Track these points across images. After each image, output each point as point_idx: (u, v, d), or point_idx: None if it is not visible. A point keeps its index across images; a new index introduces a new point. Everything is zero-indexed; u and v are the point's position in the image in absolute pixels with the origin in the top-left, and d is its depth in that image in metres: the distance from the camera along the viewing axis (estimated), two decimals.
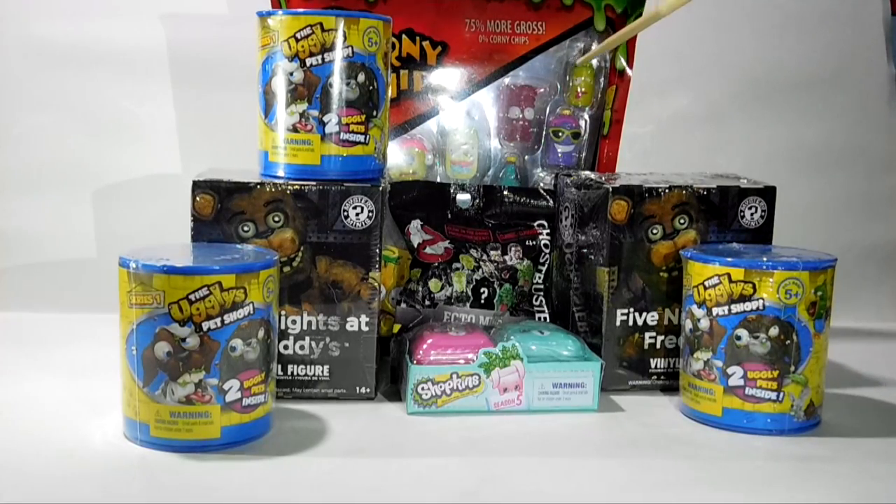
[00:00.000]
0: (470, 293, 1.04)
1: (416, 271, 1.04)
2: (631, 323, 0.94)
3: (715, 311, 0.84)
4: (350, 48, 0.86)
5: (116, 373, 0.78)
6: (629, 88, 1.10)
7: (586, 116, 1.10)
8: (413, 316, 1.03)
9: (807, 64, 1.32)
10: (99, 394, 0.88)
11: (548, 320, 1.05)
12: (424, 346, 0.87)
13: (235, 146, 1.06)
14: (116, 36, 1.23)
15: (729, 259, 0.84)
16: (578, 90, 1.09)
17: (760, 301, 0.82)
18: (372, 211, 0.87)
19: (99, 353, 0.99)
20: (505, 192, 1.07)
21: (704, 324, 0.85)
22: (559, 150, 1.10)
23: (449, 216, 1.06)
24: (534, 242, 1.07)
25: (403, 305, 1.04)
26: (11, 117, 1.24)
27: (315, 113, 0.86)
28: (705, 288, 0.85)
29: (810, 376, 0.84)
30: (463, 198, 1.07)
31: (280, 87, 0.86)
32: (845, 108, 1.33)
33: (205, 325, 0.74)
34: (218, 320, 0.74)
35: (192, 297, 0.73)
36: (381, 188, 0.87)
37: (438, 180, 1.08)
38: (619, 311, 0.94)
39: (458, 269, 1.04)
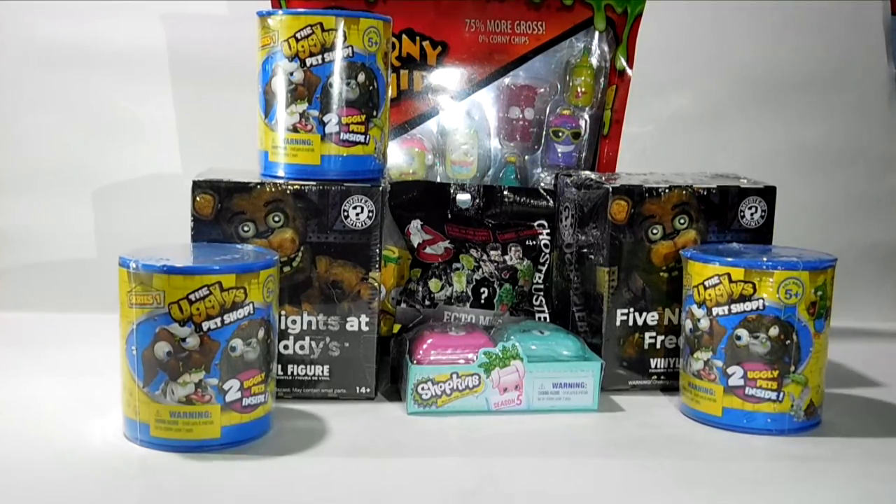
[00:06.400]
0: (470, 293, 1.04)
1: (416, 271, 1.04)
2: (631, 323, 0.94)
3: (715, 310, 0.84)
4: (350, 48, 0.86)
5: (116, 373, 0.78)
6: (629, 88, 1.10)
7: (586, 116, 1.10)
8: (413, 316, 1.03)
9: (807, 64, 1.32)
10: (99, 394, 0.88)
11: (548, 320, 1.05)
12: (424, 346, 0.87)
13: (235, 146, 1.06)
14: (116, 36, 1.24)
15: (729, 259, 0.84)
16: (578, 90, 1.09)
17: (760, 301, 0.82)
18: (372, 211, 0.87)
19: (99, 353, 0.99)
20: (505, 192, 1.07)
21: (704, 324, 0.85)
22: (559, 150, 1.10)
23: (449, 216, 1.06)
24: (534, 242, 1.07)
25: (403, 305, 1.04)
26: (11, 117, 1.24)
27: (315, 113, 0.86)
28: (705, 288, 0.85)
29: (810, 376, 0.84)
30: (463, 198, 1.07)
31: (280, 87, 0.86)
32: (845, 108, 1.33)
33: (205, 325, 0.74)
34: (218, 320, 0.74)
35: (192, 297, 0.73)
36: (381, 188, 0.87)
37: (438, 180, 1.08)
38: (619, 311, 0.94)
39: (458, 269, 1.04)
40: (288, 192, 0.86)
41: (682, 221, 0.94)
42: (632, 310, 0.94)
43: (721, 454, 0.79)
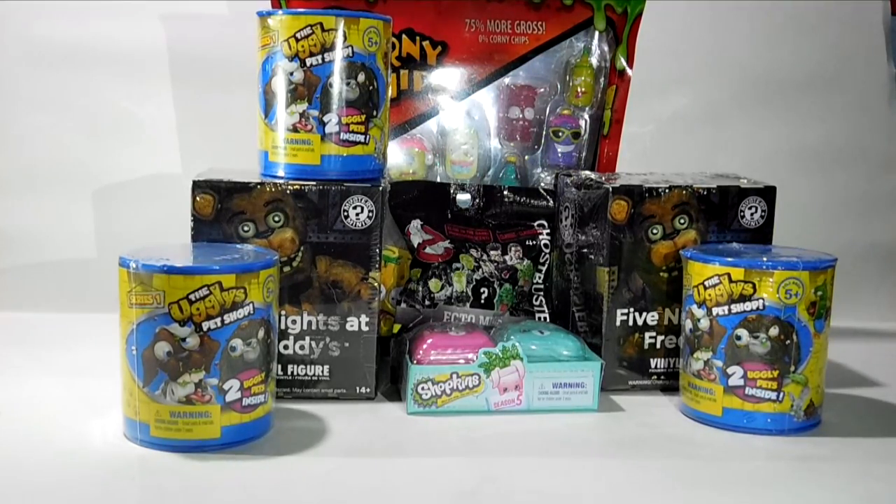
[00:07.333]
0: (470, 293, 1.04)
1: (416, 271, 1.04)
2: (631, 323, 0.94)
3: (715, 310, 0.84)
4: (350, 48, 0.86)
5: (116, 373, 0.78)
6: (629, 88, 1.10)
7: (586, 116, 1.10)
8: (413, 316, 1.03)
9: (807, 64, 1.32)
10: (99, 394, 0.88)
11: (548, 320, 1.05)
12: (424, 346, 0.87)
13: (235, 146, 1.06)
14: (116, 36, 1.24)
15: (729, 259, 0.84)
16: (578, 90, 1.09)
17: (760, 301, 0.82)
18: (372, 211, 0.87)
19: (99, 353, 0.99)
20: (505, 192, 1.07)
21: (704, 324, 0.85)
22: (559, 150, 1.10)
23: (449, 216, 1.06)
24: (534, 242, 1.07)
25: (403, 305, 1.04)
26: (11, 117, 1.24)
27: (315, 113, 0.86)
28: (705, 288, 0.85)
29: (810, 376, 0.84)
30: (463, 198, 1.07)
31: (280, 86, 0.86)
32: (845, 108, 1.33)
33: (205, 325, 0.74)
34: (218, 320, 0.74)
35: (192, 296, 0.73)
36: (381, 188, 0.87)
37: (438, 180, 1.08)
38: (619, 311, 0.94)
39: (458, 269, 1.04)
40: (288, 192, 0.86)
41: (682, 221, 0.94)
42: (632, 310, 0.94)
43: (721, 454, 0.79)
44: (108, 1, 1.23)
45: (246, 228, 0.86)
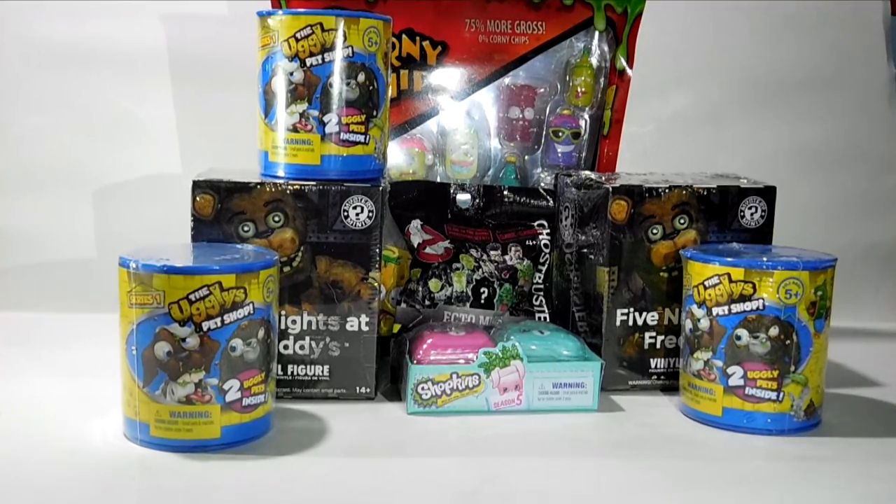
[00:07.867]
0: (470, 293, 1.04)
1: (416, 271, 1.04)
2: (631, 323, 0.94)
3: (715, 310, 0.84)
4: (350, 48, 0.86)
5: (116, 373, 0.78)
6: (629, 88, 1.10)
7: (586, 116, 1.10)
8: (413, 316, 1.03)
9: (807, 64, 1.32)
10: (99, 394, 0.88)
11: (548, 320, 1.05)
12: (424, 346, 0.87)
13: (235, 146, 1.06)
14: (116, 36, 1.24)
15: (729, 259, 0.84)
16: (578, 90, 1.09)
17: (760, 301, 0.82)
18: (372, 211, 0.87)
19: (99, 353, 0.99)
20: (505, 192, 1.07)
21: (704, 324, 0.85)
22: (559, 150, 1.10)
23: (449, 216, 1.06)
24: (534, 242, 1.07)
25: (403, 305, 1.04)
26: (11, 117, 1.24)
27: (315, 113, 0.86)
28: (705, 288, 0.85)
29: (810, 376, 0.84)
30: (463, 198, 1.07)
31: (280, 86, 0.86)
32: (845, 108, 1.33)
33: (205, 325, 0.74)
34: (218, 320, 0.74)
35: (192, 296, 0.73)
36: (381, 188, 0.87)
37: (438, 180, 1.08)
38: (619, 311, 0.94)
39: (458, 269, 1.04)
40: (288, 192, 0.86)
41: (682, 221, 0.94)
42: (632, 310, 0.94)
43: (721, 454, 0.79)
44: (108, 1, 1.23)
45: (246, 228, 0.86)
